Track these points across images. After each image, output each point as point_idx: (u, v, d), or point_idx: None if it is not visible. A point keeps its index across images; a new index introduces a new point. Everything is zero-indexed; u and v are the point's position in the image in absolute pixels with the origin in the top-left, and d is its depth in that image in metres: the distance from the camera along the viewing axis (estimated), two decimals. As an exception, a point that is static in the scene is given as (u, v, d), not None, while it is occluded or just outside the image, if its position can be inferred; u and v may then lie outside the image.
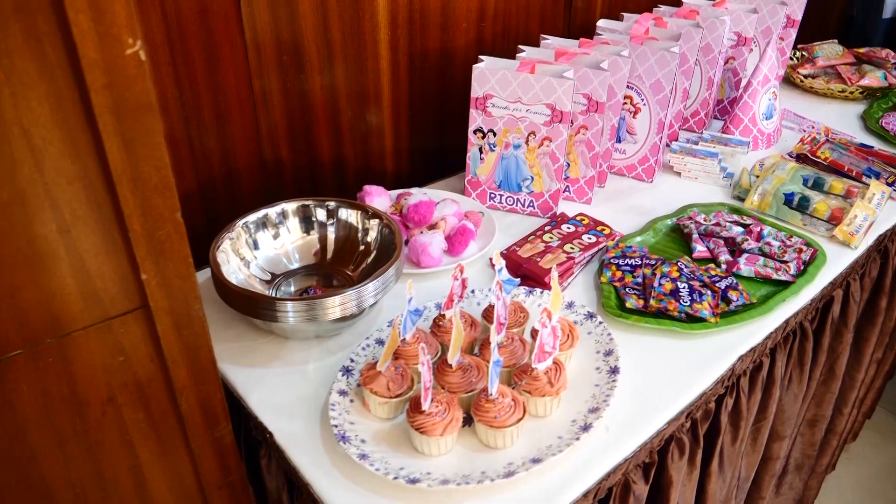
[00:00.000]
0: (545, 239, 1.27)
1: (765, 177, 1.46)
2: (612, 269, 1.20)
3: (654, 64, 1.43)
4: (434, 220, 1.28)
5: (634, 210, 1.44)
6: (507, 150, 1.36)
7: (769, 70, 1.65)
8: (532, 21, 1.60)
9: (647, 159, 1.53)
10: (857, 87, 1.95)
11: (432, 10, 1.45)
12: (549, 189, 1.37)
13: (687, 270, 1.19)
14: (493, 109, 1.33)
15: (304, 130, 1.39)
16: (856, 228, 1.33)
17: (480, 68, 1.30)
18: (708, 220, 1.35)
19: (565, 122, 1.29)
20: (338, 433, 0.88)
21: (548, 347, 0.92)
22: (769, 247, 1.27)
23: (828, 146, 1.64)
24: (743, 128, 1.69)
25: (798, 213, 1.40)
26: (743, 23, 1.73)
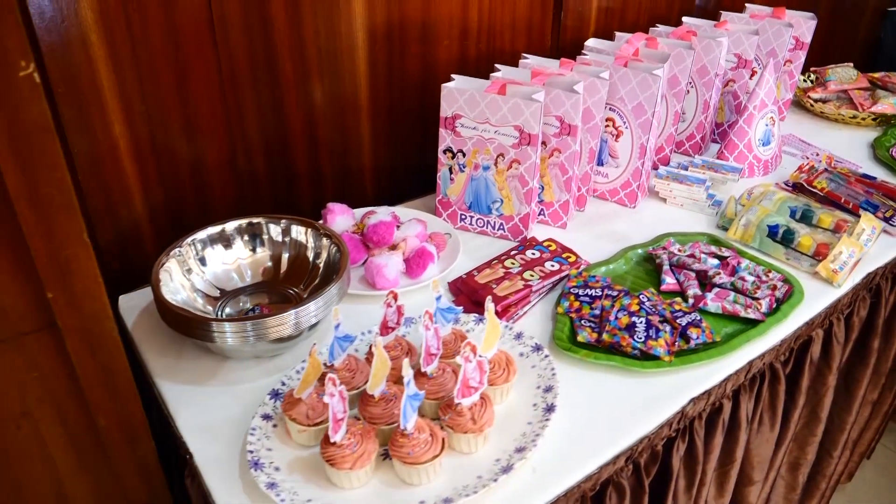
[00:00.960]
0: (506, 264, 1.24)
1: (750, 207, 1.40)
2: (570, 299, 1.16)
3: (636, 87, 1.38)
4: (395, 241, 1.26)
5: (611, 236, 1.40)
6: (477, 171, 1.33)
7: (766, 95, 1.59)
8: (518, 39, 1.57)
9: (630, 184, 1.48)
10: (869, 114, 1.86)
11: (412, 27, 1.43)
12: (518, 212, 1.33)
13: (648, 304, 1.14)
14: (462, 129, 1.30)
15: (280, 145, 1.39)
16: (840, 266, 1.26)
17: (448, 88, 1.28)
18: (683, 251, 1.30)
19: (534, 144, 1.26)
20: (251, 459, 0.87)
21: (473, 382, 0.88)
22: (742, 282, 1.21)
23: (825, 176, 1.56)
24: (738, 154, 1.62)
25: (782, 246, 1.34)
26: (743, 44, 1.67)
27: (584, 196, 1.47)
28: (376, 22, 1.38)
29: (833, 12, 2.40)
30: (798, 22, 1.83)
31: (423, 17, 1.43)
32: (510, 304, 1.14)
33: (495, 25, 1.53)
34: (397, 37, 1.43)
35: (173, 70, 1.19)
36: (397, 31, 1.42)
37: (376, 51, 1.41)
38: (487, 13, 1.50)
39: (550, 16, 1.59)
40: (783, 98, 1.93)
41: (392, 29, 1.41)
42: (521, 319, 1.15)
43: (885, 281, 1.40)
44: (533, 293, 1.17)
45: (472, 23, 1.50)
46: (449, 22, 1.47)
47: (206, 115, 1.27)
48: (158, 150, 1.25)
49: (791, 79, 1.90)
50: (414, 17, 1.42)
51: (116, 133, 1.18)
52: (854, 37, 2.54)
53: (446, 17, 1.46)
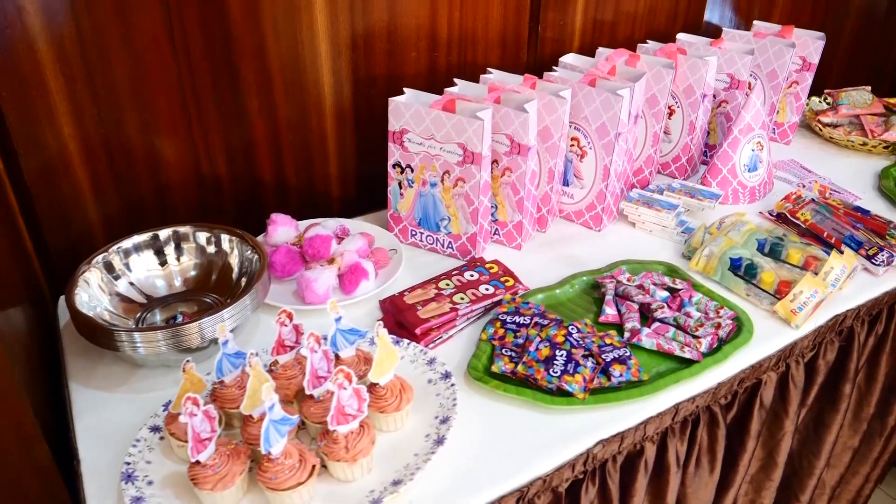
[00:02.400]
0: (440, 286, 1.21)
1: (716, 237, 1.33)
2: (496, 325, 1.12)
3: (600, 106, 1.33)
4: (333, 255, 1.24)
5: (567, 260, 1.35)
6: (425, 187, 1.30)
7: (753, 118, 1.50)
8: (492, 51, 1.54)
9: (594, 206, 1.42)
10: (879, 141, 1.74)
11: (377, 37, 1.41)
12: (465, 232, 1.30)
13: (577, 336, 1.09)
14: (409, 145, 1.28)
15: (243, 151, 1.39)
16: (799, 306, 1.18)
17: (395, 102, 1.26)
18: (632, 281, 1.24)
19: (477, 163, 1.22)
20: (126, 471, 0.87)
21: (349, 410, 0.86)
22: (686, 318, 1.15)
23: (811, 207, 1.47)
24: (721, 179, 1.54)
25: (743, 281, 1.26)
26: (736, 64, 1.58)
27: (545, 217, 1.42)
28: (340, 32, 1.37)
29: (860, 31, 2.26)
30: (805, 42, 1.73)
31: (389, 27, 1.41)
32: (431, 328, 1.11)
33: (467, 37, 1.49)
34: (362, 47, 1.41)
35: (129, 73, 1.20)
36: (362, 42, 1.41)
37: (340, 62, 1.40)
38: (458, 24, 1.47)
39: (526, 28, 1.54)
40: (789, 121, 1.83)
41: (356, 39, 1.40)
42: (443, 344, 1.12)
43: (860, 324, 1.30)
44: (459, 317, 1.14)
45: (442, 34, 1.47)
46: (417, 33, 1.45)
47: (166, 118, 1.28)
48: (113, 155, 1.27)
49: (797, 101, 1.79)
50: (379, 27, 1.41)
51: (66, 137, 1.21)
52: (885, 59, 2.39)
53: (413, 28, 1.44)
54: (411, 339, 1.09)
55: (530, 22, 1.55)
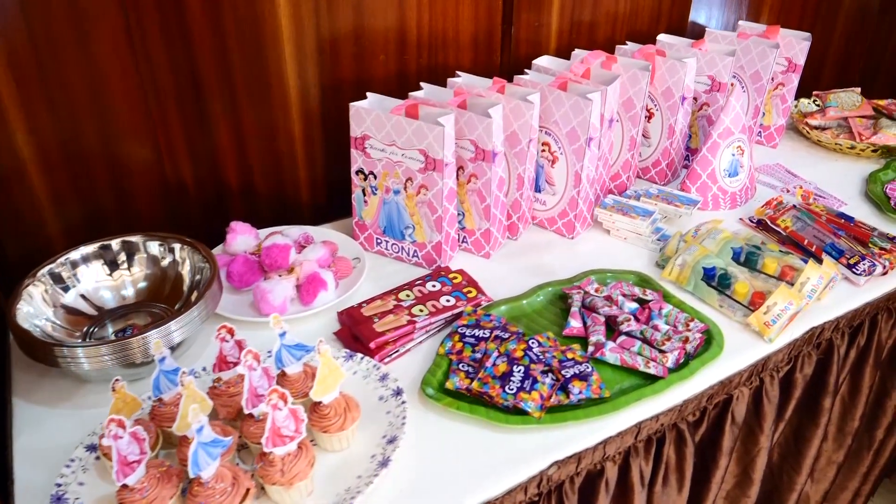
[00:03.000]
0: (400, 297, 1.17)
1: (689, 245, 1.28)
2: (454, 339, 1.09)
3: (570, 111, 1.29)
4: (292, 265, 1.21)
5: (537, 270, 1.31)
6: (388, 194, 1.27)
7: (733, 121, 1.46)
8: (463, 54, 1.50)
9: (567, 213, 1.38)
10: (867, 145, 1.69)
11: (343, 41, 1.38)
12: (430, 240, 1.26)
13: (537, 350, 1.05)
14: (371, 151, 1.24)
15: (208, 155, 1.36)
16: (773, 318, 1.13)
17: (356, 107, 1.22)
18: (600, 291, 1.20)
19: (439, 170, 1.18)
20: (55, 493, 0.84)
21: (286, 431, 0.83)
22: (654, 331, 1.11)
23: (792, 214, 1.42)
24: (700, 185, 1.50)
25: (716, 292, 1.22)
26: (717, 66, 1.54)
27: (516, 224, 1.38)
28: (304, 36, 1.34)
29: (852, 31, 2.20)
30: (790, 42, 1.68)
31: (355, 31, 1.38)
32: (387, 342, 1.07)
33: (437, 39, 1.46)
34: (328, 51, 1.38)
35: (86, 79, 1.17)
36: (328, 46, 1.37)
37: (306, 65, 1.37)
38: (427, 26, 1.43)
39: (499, 30, 1.50)
40: (775, 124, 1.78)
41: (322, 43, 1.36)
42: (400, 358, 1.09)
43: (839, 336, 1.26)
44: (417, 330, 1.10)
45: (411, 37, 1.43)
46: (385, 36, 1.41)
47: (127, 124, 1.25)
48: (72, 162, 1.23)
49: (784, 103, 1.74)
50: (345, 30, 1.37)
51: (20, 144, 1.18)
52: (879, 58, 2.33)
53: (381, 31, 1.40)
54: (366, 353, 1.06)
55: (503, 24, 1.50)
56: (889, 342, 1.41)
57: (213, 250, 1.28)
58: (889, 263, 1.30)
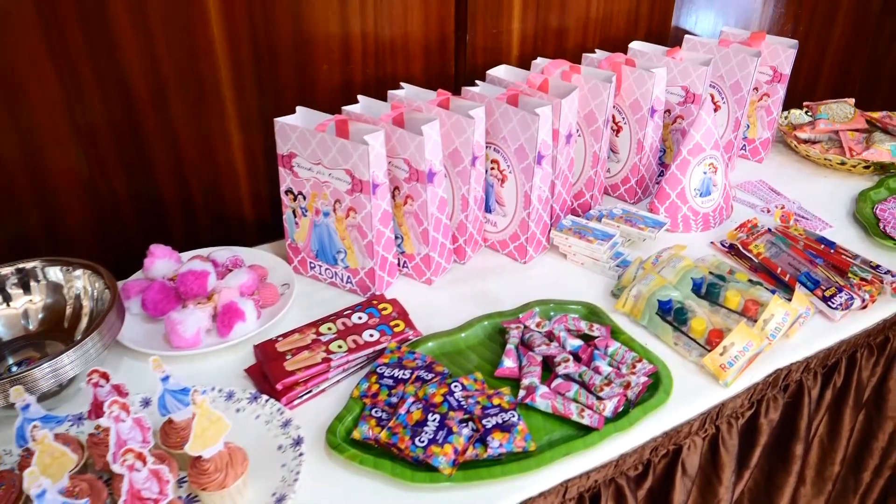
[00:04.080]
0: (321, 330, 1.07)
1: (646, 275, 1.17)
2: (371, 380, 0.99)
3: (517, 126, 1.19)
4: (212, 292, 1.12)
5: (482, 298, 1.21)
6: (318, 216, 1.17)
7: (704, 137, 1.34)
8: (414, 63, 1.40)
9: (518, 236, 1.28)
10: (859, 161, 1.56)
11: (282, 49, 1.29)
12: (363, 266, 1.17)
13: (459, 395, 0.95)
14: (298, 170, 1.15)
15: (143, 170, 1.28)
16: (729, 360, 1.02)
17: (281, 123, 1.13)
18: (541, 326, 1.09)
19: (367, 192, 1.09)
20: None
21: (147, 493, 0.74)
22: (594, 374, 1.00)
23: (766, 238, 1.30)
24: (669, 205, 1.38)
25: (671, 328, 1.11)
26: (691, 76, 1.42)
27: (463, 248, 1.28)
28: (239, 43, 1.25)
29: (850, 37, 2.06)
30: (775, 50, 1.56)
31: (294, 38, 1.29)
32: (297, 382, 0.98)
33: (384, 48, 1.36)
34: (266, 60, 1.29)
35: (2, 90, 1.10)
36: (266, 54, 1.28)
37: (243, 76, 1.28)
38: (373, 34, 1.34)
39: (452, 37, 1.40)
40: (760, 137, 1.66)
41: (259, 51, 1.28)
42: (313, 399, 0.99)
43: (811, 376, 1.14)
44: (333, 369, 1.01)
45: (356, 45, 1.34)
46: (326, 44, 1.32)
47: (50, 131, 1.17)
48: (-16, 176, 1.16)
49: (769, 115, 1.62)
50: (284, 38, 1.28)
51: (-77, 158, 1.11)
52: (879, 66, 2.18)
53: (322, 39, 1.31)
54: (272, 395, 0.97)
55: (457, 30, 1.40)
56: (873, 380, 1.29)
57: (135, 275, 1.21)
58: (870, 296, 1.18)
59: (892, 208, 1.46)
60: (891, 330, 1.24)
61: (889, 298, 1.22)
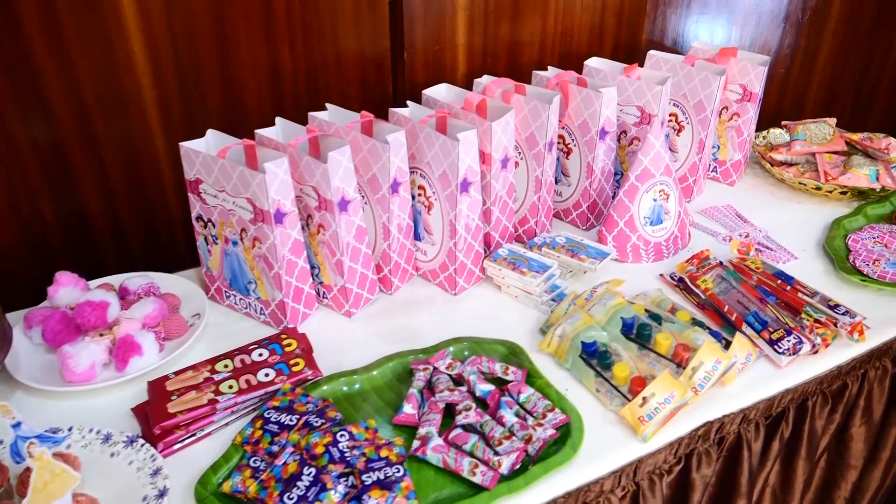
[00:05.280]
0: (217, 368, 1.02)
1: (573, 313, 1.09)
2: (256, 425, 0.93)
3: (439, 152, 1.12)
4: (115, 322, 1.08)
5: (402, 333, 1.14)
6: (228, 245, 1.12)
7: (653, 162, 1.25)
8: (349, 82, 1.34)
9: (447, 266, 1.21)
10: (834, 186, 1.45)
11: (207, 68, 1.24)
12: (272, 298, 1.11)
13: (344, 445, 0.88)
14: (206, 196, 1.10)
15: (67, 191, 1.25)
16: (649, 413, 0.94)
17: (186, 148, 1.08)
18: (452, 368, 1.02)
19: (268, 222, 1.03)
20: None
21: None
22: (497, 425, 0.92)
23: (716, 273, 1.21)
24: (618, 233, 1.30)
25: (594, 373, 1.02)
26: (646, 96, 1.34)
27: (389, 278, 1.21)
28: (161, 61, 1.21)
29: (840, 48, 1.94)
30: (745, 68, 1.46)
31: (219, 55, 1.24)
32: (178, 425, 0.92)
33: (315, 66, 1.30)
34: (191, 81, 1.24)
35: None
36: (191, 75, 1.24)
37: (168, 96, 1.24)
38: (302, 51, 1.28)
39: (388, 55, 1.34)
40: (731, 159, 1.56)
41: (183, 72, 1.23)
42: (196, 444, 0.93)
43: (752, 428, 1.04)
44: (219, 412, 0.95)
45: (285, 63, 1.28)
46: (253, 61, 1.26)
47: None
48: None
49: (739, 136, 1.52)
50: (207, 55, 1.23)
51: None
52: (876, 79, 2.05)
53: (249, 56, 1.25)
54: (151, 438, 0.91)
55: (393, 48, 1.34)
56: (831, 428, 1.19)
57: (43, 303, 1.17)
58: (822, 340, 1.08)
59: (866, 239, 1.35)
60: (848, 376, 1.14)
61: (846, 342, 1.12)
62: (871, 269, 1.26)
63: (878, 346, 1.14)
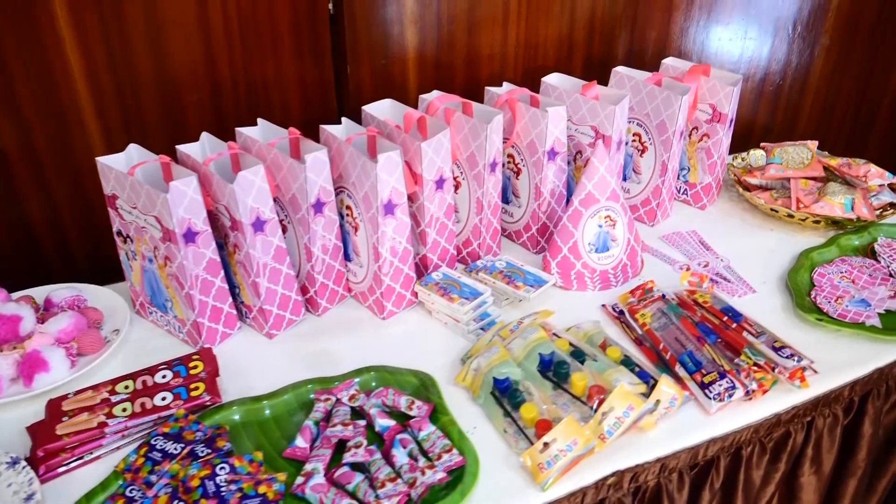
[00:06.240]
0: (117, 389, 1.00)
1: (491, 346, 1.04)
2: (140, 451, 0.91)
3: (361, 173, 1.08)
4: (25, 337, 1.07)
5: (320, 359, 1.10)
6: (145, 262, 1.10)
7: (597, 186, 1.19)
8: (291, 97, 1.31)
9: (374, 290, 1.17)
10: (807, 214, 1.36)
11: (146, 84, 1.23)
12: (187, 317, 1.09)
13: (222, 478, 0.85)
14: (123, 212, 1.08)
15: (11, 202, 1.25)
16: (548, 460, 0.88)
17: (101, 163, 1.06)
18: (355, 399, 0.98)
19: (175, 242, 1.01)
20: None
21: None
22: (384, 466, 0.88)
23: (657, 307, 1.14)
24: (561, 260, 1.24)
25: (502, 412, 0.97)
26: (599, 116, 1.28)
27: (316, 300, 1.18)
28: (98, 73, 1.20)
29: (839, 55, 1.83)
30: (714, 87, 1.38)
31: (156, 68, 1.22)
32: (63, 448, 0.91)
33: (255, 80, 1.28)
34: (130, 93, 1.23)
35: None
36: (128, 87, 1.23)
37: (106, 111, 1.23)
38: (242, 66, 1.26)
39: (330, 70, 1.30)
40: (702, 182, 1.48)
41: (121, 85, 1.22)
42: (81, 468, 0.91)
43: (675, 478, 0.98)
44: (109, 436, 0.93)
45: (224, 77, 1.26)
46: (192, 75, 1.24)
47: None
48: None
49: (709, 158, 1.44)
50: (145, 68, 1.22)
51: None
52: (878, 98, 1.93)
53: (188, 69, 1.24)
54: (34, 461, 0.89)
55: (335, 62, 1.30)
56: (776, 476, 1.11)
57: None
58: (759, 385, 1.01)
59: (833, 273, 1.26)
60: (791, 424, 1.06)
61: (789, 388, 1.04)
62: (833, 307, 1.18)
63: (826, 392, 1.06)
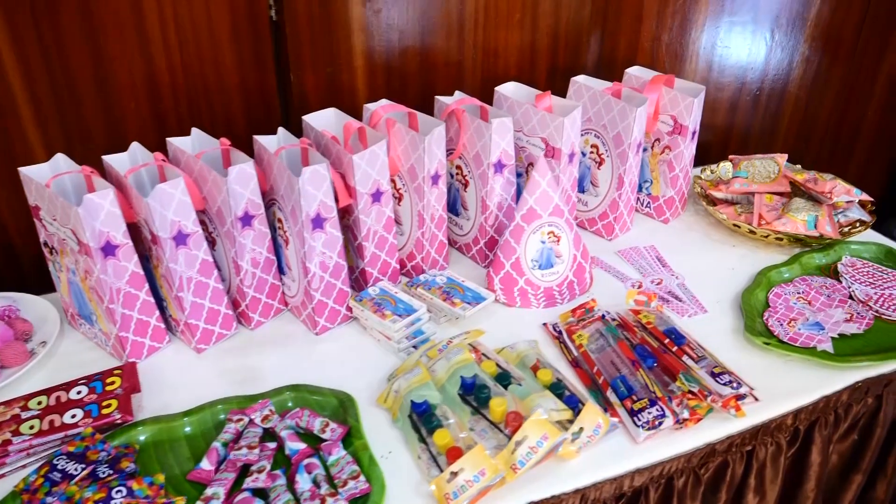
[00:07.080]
0: (30, 405, 0.98)
1: (412, 368, 1.01)
2: (41, 472, 0.89)
3: (289, 186, 1.05)
4: (-51, 348, 1.06)
5: (246, 375, 1.08)
6: (70, 274, 1.08)
7: (539, 202, 1.15)
8: (234, 105, 1.28)
9: (306, 305, 1.14)
10: (769, 231, 1.31)
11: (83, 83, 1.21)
12: (110, 331, 1.07)
13: (118, 501, 0.83)
14: (46, 223, 1.06)
15: None
16: (455, 490, 0.85)
17: (23, 173, 1.05)
18: (268, 420, 0.96)
19: (91, 255, 0.99)
20: None
21: None
22: (285, 494, 0.85)
23: (595, 328, 1.10)
24: (504, 276, 1.20)
25: (417, 437, 0.94)
26: (549, 128, 1.24)
27: (248, 314, 1.15)
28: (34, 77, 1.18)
29: (830, 65, 1.76)
30: (675, 99, 1.33)
31: (94, 73, 1.20)
32: (-37, 467, 0.89)
33: (196, 86, 1.25)
34: (66, 97, 1.22)
35: None
36: (64, 90, 1.21)
37: (45, 117, 1.21)
38: (181, 71, 1.23)
39: (273, 77, 1.28)
40: (664, 195, 1.43)
41: (57, 88, 1.20)
42: (-17, 487, 0.90)
43: (595, 510, 0.94)
44: (13, 454, 0.91)
45: (163, 82, 1.24)
46: (130, 80, 1.22)
47: None
48: None
49: (671, 171, 1.40)
50: (83, 73, 1.20)
51: None
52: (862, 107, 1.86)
53: (126, 74, 1.22)
54: (-65, 479, 0.88)
55: (278, 69, 1.28)
56: (717, 508, 1.06)
57: None
58: (690, 414, 0.96)
59: (790, 293, 1.21)
60: (729, 454, 1.01)
61: (727, 416, 0.99)
62: (784, 330, 1.13)
63: (767, 421, 1.01)
